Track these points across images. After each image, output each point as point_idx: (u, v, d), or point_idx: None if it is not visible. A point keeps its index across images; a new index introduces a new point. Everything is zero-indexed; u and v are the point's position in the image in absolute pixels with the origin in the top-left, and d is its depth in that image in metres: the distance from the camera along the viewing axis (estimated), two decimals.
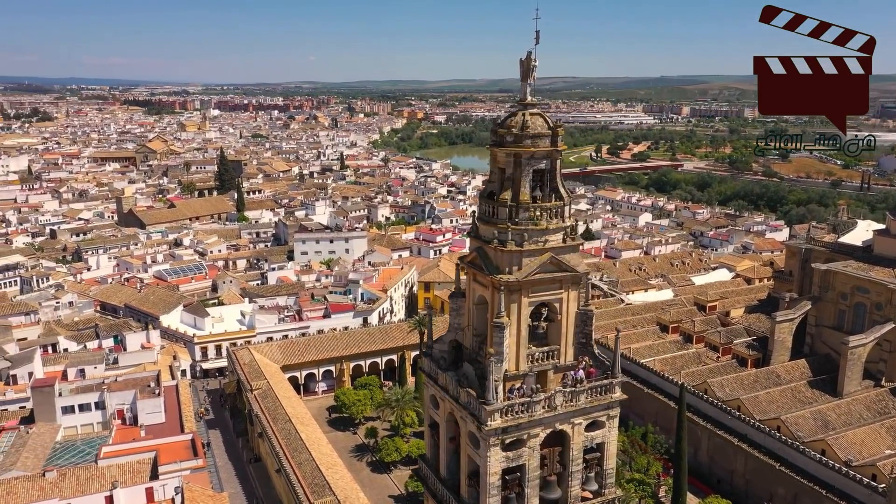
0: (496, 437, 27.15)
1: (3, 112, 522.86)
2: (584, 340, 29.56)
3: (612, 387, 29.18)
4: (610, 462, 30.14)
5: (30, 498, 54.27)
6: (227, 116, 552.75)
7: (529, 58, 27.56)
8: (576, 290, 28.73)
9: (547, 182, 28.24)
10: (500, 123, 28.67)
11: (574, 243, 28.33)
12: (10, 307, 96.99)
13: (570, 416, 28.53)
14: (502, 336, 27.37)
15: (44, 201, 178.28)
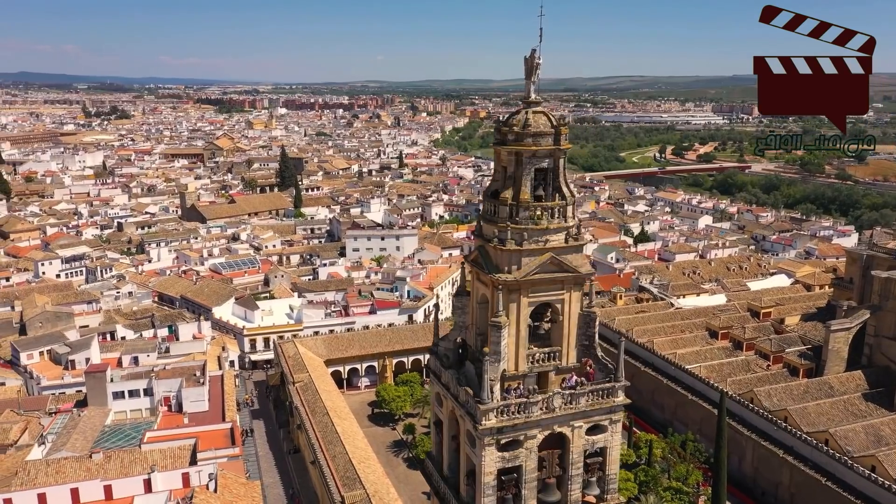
0: (491, 437, 27.03)
1: (85, 110, 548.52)
2: (588, 342, 29.09)
3: (614, 391, 28.61)
4: (612, 467, 29.57)
5: (76, 477, 56.85)
6: (294, 115, 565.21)
7: (533, 55, 27.29)
8: (579, 291, 28.33)
9: (550, 181, 27.89)
10: (503, 122, 28.50)
11: (577, 244, 27.93)
12: (74, 296, 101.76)
13: (569, 419, 28.14)
14: (500, 336, 27.23)
15: (114, 195, 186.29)
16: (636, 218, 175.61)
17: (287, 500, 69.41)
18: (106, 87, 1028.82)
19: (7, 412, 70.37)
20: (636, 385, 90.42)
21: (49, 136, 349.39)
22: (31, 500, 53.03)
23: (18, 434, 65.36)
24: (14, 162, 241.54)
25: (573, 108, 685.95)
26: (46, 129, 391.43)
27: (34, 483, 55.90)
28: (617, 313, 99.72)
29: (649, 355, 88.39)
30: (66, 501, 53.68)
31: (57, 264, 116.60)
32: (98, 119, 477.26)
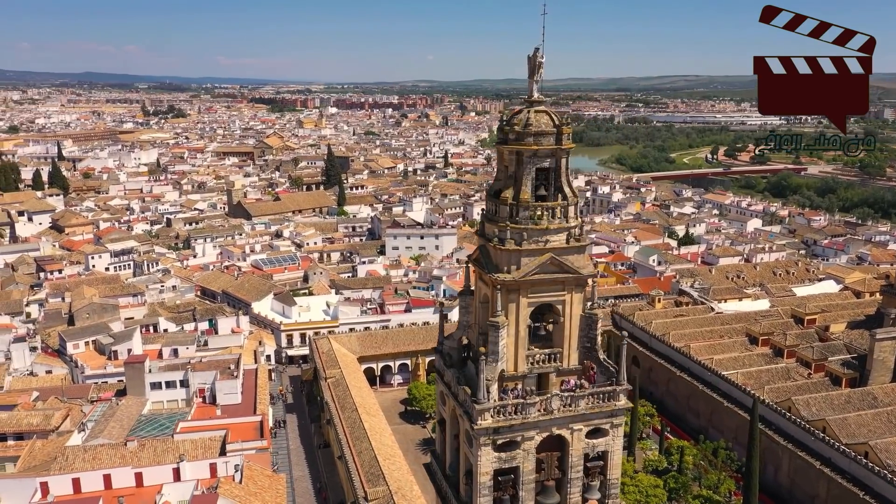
0: (487, 437, 26.96)
1: (144, 109, 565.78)
2: (589, 345, 28.74)
3: (615, 394, 28.14)
4: (614, 472, 29.14)
5: (110, 464, 58.69)
6: (344, 114, 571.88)
7: (536, 55, 27.10)
8: (580, 292, 28.05)
9: (552, 181, 27.66)
10: (505, 121, 28.39)
11: (578, 244, 27.64)
12: (120, 288, 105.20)
13: (568, 422, 27.86)
14: (497, 336, 27.14)
15: (165, 192, 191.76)
16: (682, 220, 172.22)
17: (314, 493, 70.42)
18: (165, 86, 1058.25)
19: (52, 399, 73.27)
20: (671, 390, 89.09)
21: (108, 134, 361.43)
22: (65, 484, 54.94)
23: (60, 420, 67.86)
24: (74, 159, 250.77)
25: (624, 108, 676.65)
26: (107, 127, 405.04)
27: (71, 468, 57.96)
28: (654, 317, 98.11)
29: (685, 360, 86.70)
30: (99, 487, 55.43)
31: (106, 258, 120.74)
32: (156, 118, 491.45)
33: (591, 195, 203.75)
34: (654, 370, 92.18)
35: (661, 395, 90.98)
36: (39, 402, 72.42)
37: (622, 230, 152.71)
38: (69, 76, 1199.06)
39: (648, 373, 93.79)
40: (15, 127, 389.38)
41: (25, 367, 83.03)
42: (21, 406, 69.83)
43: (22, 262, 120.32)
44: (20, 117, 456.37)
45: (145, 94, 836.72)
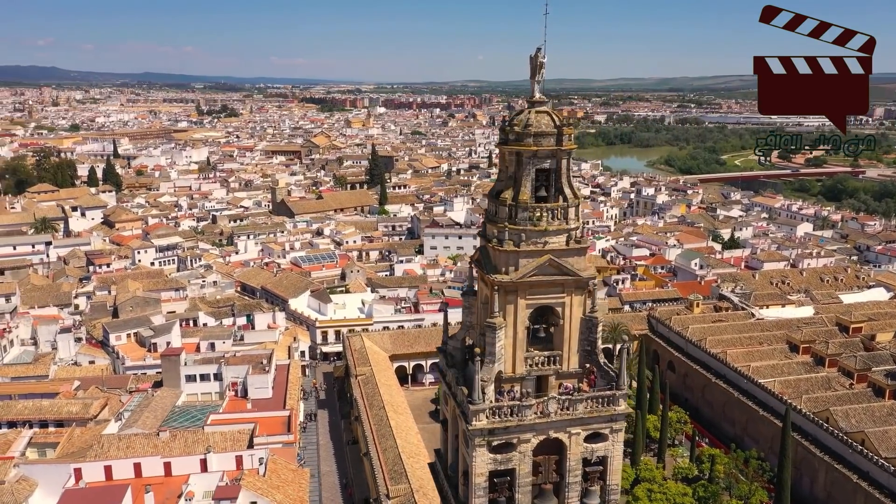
0: (482, 438, 26.94)
1: (198, 108, 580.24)
2: (590, 348, 28.41)
3: (615, 399, 27.75)
4: (614, 477, 28.76)
5: (143, 453, 60.35)
6: (392, 114, 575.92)
7: (538, 55, 26.92)
8: (580, 294, 27.76)
9: (552, 182, 27.43)
10: (507, 121, 28.26)
11: (579, 246, 27.37)
12: (164, 283, 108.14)
13: (566, 425, 27.64)
14: (494, 337, 27.08)
15: (213, 189, 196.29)
16: (728, 223, 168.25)
17: (340, 489, 71.20)
18: (220, 86, 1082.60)
19: (92, 388, 75.78)
20: (706, 397, 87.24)
21: (163, 133, 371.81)
22: (98, 471, 56.80)
23: (98, 409, 70.12)
24: (129, 156, 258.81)
25: (675, 109, 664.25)
26: (162, 126, 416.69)
27: (106, 456, 59.87)
28: (691, 321, 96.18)
29: (721, 366, 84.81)
30: (130, 475, 57.11)
31: (152, 253, 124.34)
32: (209, 117, 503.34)
33: (635, 197, 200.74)
34: (690, 376, 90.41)
35: (696, 401, 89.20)
36: (80, 391, 74.92)
37: (665, 233, 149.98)
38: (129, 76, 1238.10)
39: (684, 378, 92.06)
40: (76, 125, 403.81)
41: (70, 357, 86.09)
42: (63, 395, 72.38)
43: (73, 256, 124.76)
44: (82, 116, 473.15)
45: (201, 93, 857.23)
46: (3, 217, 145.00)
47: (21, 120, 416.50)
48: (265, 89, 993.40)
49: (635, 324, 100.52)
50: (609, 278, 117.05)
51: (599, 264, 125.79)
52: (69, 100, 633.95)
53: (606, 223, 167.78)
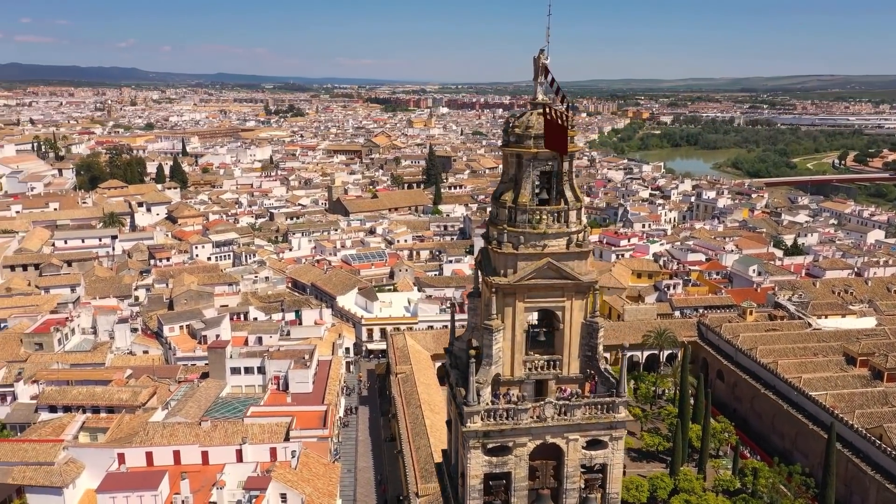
0: (477, 440, 26.89)
1: (266, 108, 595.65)
2: (590, 353, 27.98)
3: (615, 406, 27.27)
4: (614, 486, 28.26)
5: (185, 441, 62.45)
6: (454, 114, 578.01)
7: (540, 56, 26.72)
8: (581, 299, 27.40)
9: (554, 185, 27.17)
10: (509, 123, 28.14)
11: (580, 250, 27.00)
12: (218, 277, 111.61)
13: (563, 431, 27.28)
14: (492, 339, 26.99)
15: (273, 187, 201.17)
16: (792, 229, 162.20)
17: (375, 485, 72.02)
18: (289, 86, 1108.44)
19: (144, 377, 78.88)
20: (755, 408, 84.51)
21: (232, 132, 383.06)
22: (140, 457, 59.23)
23: (147, 397, 73.00)
24: (196, 154, 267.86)
25: (746, 110, 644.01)
26: (231, 125, 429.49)
27: (151, 442, 62.29)
28: (743, 329, 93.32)
29: (771, 377, 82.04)
30: (169, 461, 59.28)
31: (209, 248, 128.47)
32: (276, 116, 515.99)
33: (696, 200, 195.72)
34: (739, 386, 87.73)
35: (744, 412, 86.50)
36: (132, 379, 78.07)
37: (723, 238, 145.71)
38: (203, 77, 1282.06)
39: (733, 388, 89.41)
40: (151, 124, 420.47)
41: (126, 347, 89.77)
42: (115, 382, 75.60)
43: (137, 250, 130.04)
44: (156, 115, 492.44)
45: (270, 93, 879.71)
46: (74, 211, 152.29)
47: (101, 119, 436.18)
48: (332, 89, 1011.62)
49: (684, 330, 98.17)
50: (660, 283, 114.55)
51: (651, 268, 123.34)
52: (146, 100, 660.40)
53: (663, 227, 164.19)
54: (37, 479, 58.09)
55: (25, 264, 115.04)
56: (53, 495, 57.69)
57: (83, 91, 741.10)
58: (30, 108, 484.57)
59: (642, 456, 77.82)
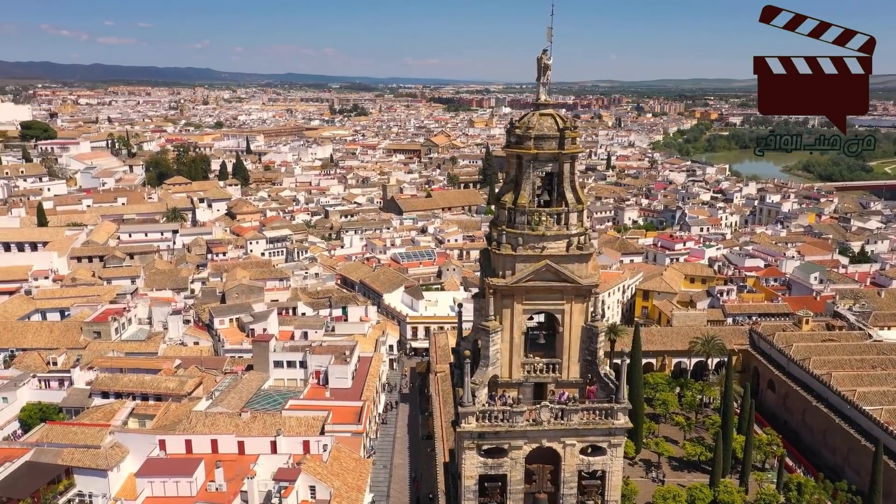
0: (471, 441, 26.89)
1: (331, 107, 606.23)
2: (590, 358, 27.58)
3: (613, 412, 26.80)
4: (613, 493, 27.78)
5: (225, 430, 64.26)
6: (516, 114, 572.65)
7: (543, 56, 26.51)
8: (581, 302, 27.05)
9: (555, 186, 26.91)
10: (512, 124, 28.00)
11: (580, 253, 26.64)
12: (269, 272, 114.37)
13: (559, 435, 27.01)
14: (488, 340, 26.94)
15: (331, 185, 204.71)
16: (861, 235, 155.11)
17: (409, 482, 72.53)
18: (355, 86, 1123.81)
19: (192, 367, 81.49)
20: (806, 421, 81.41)
21: (296, 131, 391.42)
22: (179, 444, 61.28)
23: (193, 387, 75.36)
24: (260, 153, 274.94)
25: None
26: (296, 124, 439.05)
27: (193, 430, 64.43)
28: (797, 339, 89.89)
29: (823, 389, 78.85)
30: (207, 450, 61.13)
31: (263, 244, 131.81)
32: (340, 116, 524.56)
33: (759, 204, 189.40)
34: (790, 397, 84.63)
35: (795, 425, 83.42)
36: (181, 369, 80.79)
37: (785, 243, 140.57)
38: (273, 77, 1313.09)
39: (784, 399, 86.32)
40: (220, 123, 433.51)
41: (178, 338, 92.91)
42: (164, 371, 78.37)
43: (196, 244, 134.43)
44: (226, 114, 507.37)
45: (336, 93, 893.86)
46: (140, 206, 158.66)
47: (173, 117, 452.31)
48: (397, 89, 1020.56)
49: (735, 338, 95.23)
50: (713, 289, 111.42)
51: (705, 273, 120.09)
52: (217, 99, 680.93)
53: (722, 231, 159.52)
54: (84, 461, 60.78)
55: (91, 256, 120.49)
56: (99, 477, 60.20)
57: (159, 91, 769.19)
58: (109, 107, 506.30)
59: (683, 465, 76.11)
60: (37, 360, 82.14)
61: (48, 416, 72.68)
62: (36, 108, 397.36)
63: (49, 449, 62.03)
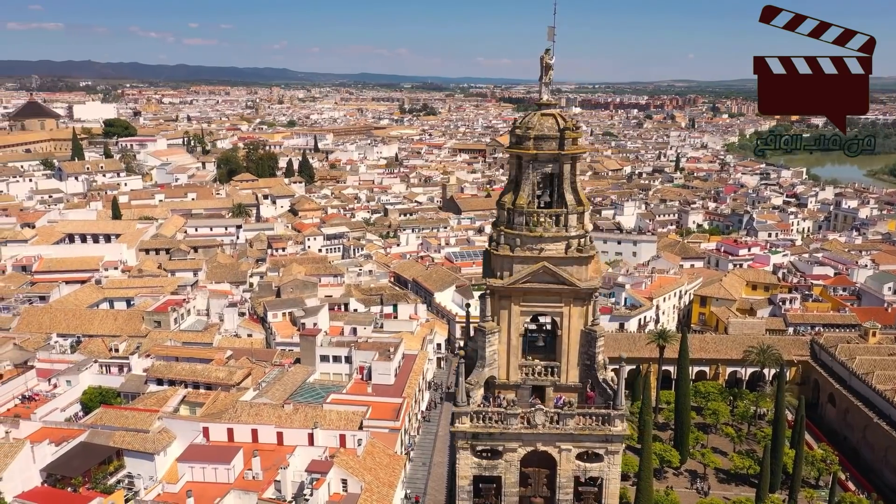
0: (465, 441, 26.88)
1: (401, 107, 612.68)
2: (589, 362, 27.12)
3: (610, 419, 26.29)
4: (611, 501, 27.24)
5: (267, 421, 66.13)
6: (586, 114, 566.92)
7: (545, 56, 26.25)
8: (580, 306, 26.64)
9: (555, 188, 26.60)
10: (514, 124, 27.80)
11: (579, 255, 26.25)
12: (324, 268, 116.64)
13: (555, 439, 26.67)
14: (485, 340, 26.87)
15: (393, 184, 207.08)
16: None
17: (447, 481, 72.63)
18: (426, 86, 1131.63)
19: (243, 359, 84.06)
20: (868, 438, 77.60)
21: (365, 130, 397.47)
22: (222, 432, 63.46)
23: (241, 378, 77.79)
24: (327, 151, 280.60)
25: None
26: (366, 123, 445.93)
27: (238, 420, 66.53)
28: (862, 352, 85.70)
29: (886, 405, 74.82)
30: (248, 439, 63.09)
31: (320, 240, 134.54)
32: (409, 115, 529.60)
33: (834, 209, 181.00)
34: (851, 412, 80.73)
35: (856, 441, 79.54)
36: (232, 360, 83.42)
37: (859, 251, 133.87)
38: (347, 76, 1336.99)
39: (844, 414, 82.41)
40: (293, 121, 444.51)
41: (233, 329, 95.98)
42: (215, 361, 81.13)
43: (257, 240, 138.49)
44: (299, 113, 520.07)
45: (407, 93, 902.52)
46: (209, 201, 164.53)
47: (249, 116, 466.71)
48: (468, 89, 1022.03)
49: (795, 349, 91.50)
50: (775, 297, 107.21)
51: (768, 280, 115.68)
52: (292, 98, 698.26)
53: (792, 237, 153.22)
54: (133, 444, 63.63)
55: (158, 248, 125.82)
56: (146, 460, 62.92)
57: (238, 90, 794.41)
58: (190, 106, 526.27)
59: (731, 478, 73.74)
60: (100, 347, 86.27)
61: (107, 400, 76.31)
62: (122, 107, 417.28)
63: (102, 431, 65.25)
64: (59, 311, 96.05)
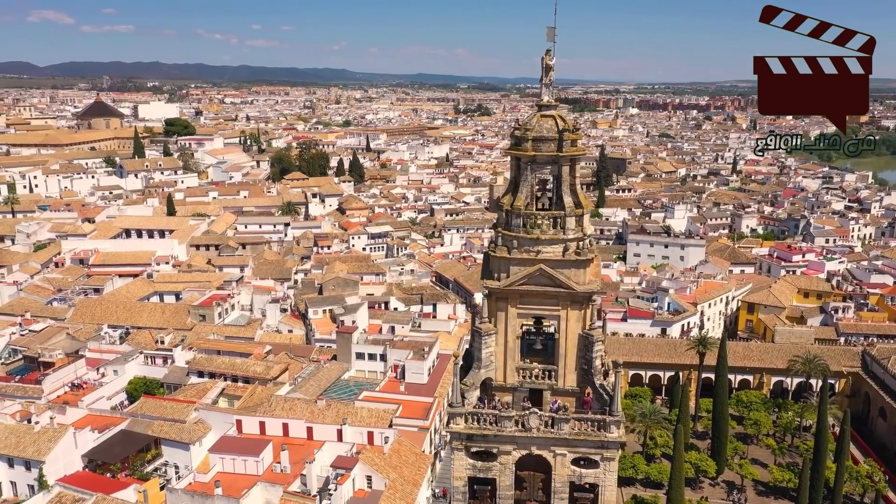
0: (459, 442, 26.89)
1: (456, 107, 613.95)
2: (586, 367, 26.78)
3: (606, 425, 25.92)
4: None
5: (299, 416, 67.30)
6: (644, 115, 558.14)
7: (546, 57, 26.06)
8: (577, 309, 26.34)
9: (554, 190, 26.39)
10: (515, 125, 27.65)
11: (577, 258, 25.96)
12: (367, 267, 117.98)
13: (549, 444, 26.44)
14: (481, 342, 26.83)
15: (442, 184, 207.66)
16: None
17: None
18: (482, 86, 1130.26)
19: (282, 354, 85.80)
20: None
21: (418, 130, 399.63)
22: (254, 425, 64.96)
23: (278, 372, 79.37)
24: (379, 150, 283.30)
25: None
26: (420, 123, 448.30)
27: (272, 413, 67.92)
28: None
29: None
30: (279, 432, 64.44)
31: (364, 239, 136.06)
32: (463, 115, 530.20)
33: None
34: None
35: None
36: (271, 355, 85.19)
37: None
38: (404, 77, 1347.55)
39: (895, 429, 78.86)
40: (349, 121, 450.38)
41: (275, 325, 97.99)
42: (254, 356, 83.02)
43: (304, 237, 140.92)
44: (355, 113, 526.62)
45: (463, 93, 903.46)
46: (260, 199, 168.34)
47: (306, 116, 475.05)
48: (524, 89, 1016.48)
49: (846, 359, 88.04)
50: (827, 305, 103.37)
51: (821, 288, 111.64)
52: (349, 99, 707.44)
53: (851, 243, 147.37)
54: (170, 434, 65.81)
55: (208, 244, 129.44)
56: (182, 449, 65.01)
57: (297, 90, 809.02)
58: (250, 106, 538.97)
59: (770, 491, 71.59)
60: (147, 339, 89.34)
61: (150, 390, 78.98)
62: (185, 107, 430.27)
63: (142, 420, 67.67)
64: (111, 304, 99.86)
